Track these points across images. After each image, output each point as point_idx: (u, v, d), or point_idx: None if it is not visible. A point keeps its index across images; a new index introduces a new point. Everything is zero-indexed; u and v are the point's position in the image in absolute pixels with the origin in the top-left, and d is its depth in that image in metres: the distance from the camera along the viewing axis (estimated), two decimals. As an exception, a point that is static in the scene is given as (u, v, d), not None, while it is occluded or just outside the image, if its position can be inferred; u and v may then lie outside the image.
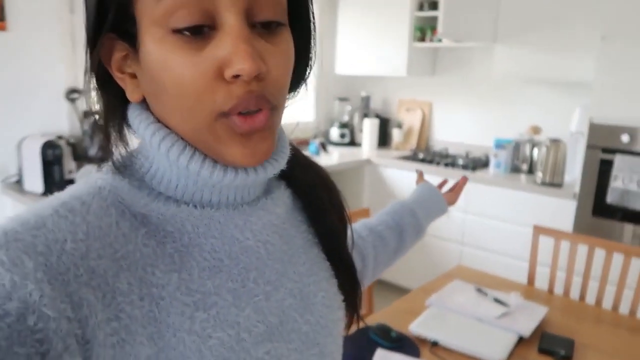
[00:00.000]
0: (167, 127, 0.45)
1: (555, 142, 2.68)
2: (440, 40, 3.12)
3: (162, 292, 0.43)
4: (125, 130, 0.48)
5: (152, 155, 0.47)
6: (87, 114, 2.29)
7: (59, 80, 2.26)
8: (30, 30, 2.17)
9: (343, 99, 3.73)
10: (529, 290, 1.74)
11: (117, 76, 0.45)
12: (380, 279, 3.31)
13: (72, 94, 2.28)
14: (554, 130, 2.94)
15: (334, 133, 3.64)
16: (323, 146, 3.31)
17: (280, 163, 0.50)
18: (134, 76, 0.45)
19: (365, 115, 3.62)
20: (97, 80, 0.45)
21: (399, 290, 3.02)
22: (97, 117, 0.48)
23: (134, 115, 0.46)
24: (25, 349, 0.34)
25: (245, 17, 0.41)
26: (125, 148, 0.48)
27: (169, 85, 0.41)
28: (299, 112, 3.64)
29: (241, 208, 0.49)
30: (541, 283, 1.93)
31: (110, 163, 0.47)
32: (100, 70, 0.45)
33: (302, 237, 0.58)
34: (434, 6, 3.06)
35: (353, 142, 3.66)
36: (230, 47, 0.40)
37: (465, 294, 1.58)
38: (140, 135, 0.46)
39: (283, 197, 0.56)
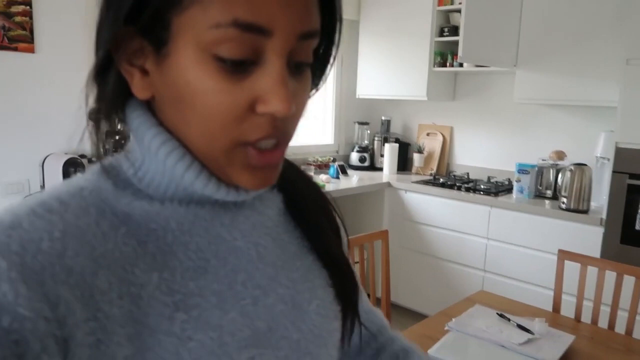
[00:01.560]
0: (169, 131, 0.45)
1: (580, 167, 2.62)
2: (460, 65, 3.11)
3: (142, 291, 0.41)
4: (119, 127, 0.47)
5: (144, 157, 0.46)
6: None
7: (83, 100, 2.31)
8: (58, 52, 2.23)
9: (363, 123, 3.73)
10: (554, 318, 1.67)
11: (125, 68, 0.43)
12: (397, 304, 3.24)
13: (99, 124, 2.32)
14: (578, 155, 2.87)
15: (354, 157, 3.63)
16: (342, 169, 3.29)
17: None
18: (144, 72, 0.44)
19: (386, 139, 3.61)
20: (97, 67, 0.43)
21: (417, 317, 2.94)
22: (88, 109, 0.45)
23: (135, 113, 0.45)
24: (0, 350, 0.33)
25: (288, 59, 0.42)
26: (116, 144, 0.47)
27: (199, 106, 0.41)
28: (319, 135, 3.65)
29: (227, 207, 0.49)
30: (567, 311, 1.85)
31: (97, 164, 0.46)
32: (102, 57, 0.43)
33: (296, 243, 0.56)
34: (454, 31, 3.07)
35: (373, 166, 3.65)
36: (271, 86, 0.41)
37: (486, 319, 1.52)
38: (138, 136, 0.45)
39: (275, 199, 0.55)
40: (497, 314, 1.54)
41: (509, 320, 1.50)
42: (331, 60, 0.52)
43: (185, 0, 0.39)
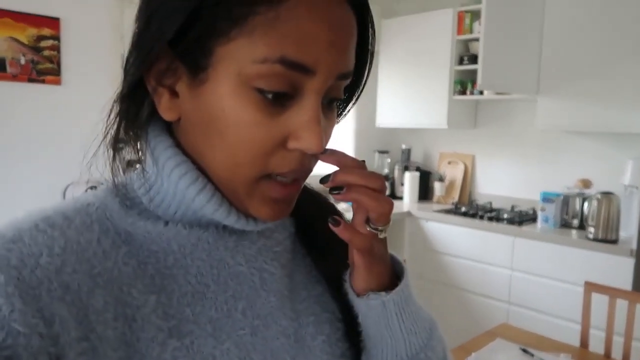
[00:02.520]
0: (188, 154, 0.44)
1: (608, 195, 2.53)
2: (481, 93, 3.09)
3: (136, 314, 0.40)
4: (139, 145, 0.46)
5: (157, 177, 0.45)
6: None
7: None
8: (83, 84, 2.31)
9: (383, 152, 3.72)
10: (582, 354, 1.59)
11: (153, 86, 0.43)
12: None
13: (117, 143, 2.38)
14: (605, 183, 2.79)
15: (374, 186, 3.60)
16: (362, 198, 3.26)
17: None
18: (173, 93, 0.43)
19: (406, 168, 3.58)
20: (130, 86, 0.43)
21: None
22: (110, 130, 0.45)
23: (154, 133, 0.45)
24: None
25: (323, 96, 0.42)
26: (134, 163, 0.47)
27: (231, 135, 0.41)
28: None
29: (232, 230, 0.47)
30: (596, 347, 1.76)
31: (106, 181, 0.46)
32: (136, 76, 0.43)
33: (304, 271, 0.53)
34: (474, 60, 3.06)
35: (393, 195, 3.61)
36: (306, 123, 0.41)
37: (508, 354, 1.45)
38: (154, 156, 0.45)
39: (285, 222, 0.52)
40: (520, 348, 1.48)
41: (532, 355, 1.44)
42: (356, 96, 0.51)
43: (233, 32, 0.39)
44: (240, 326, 0.45)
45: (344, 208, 3.02)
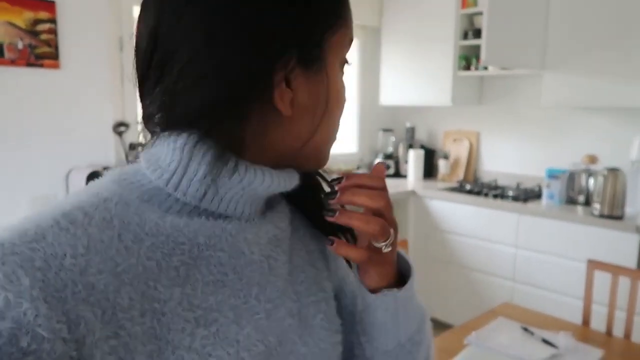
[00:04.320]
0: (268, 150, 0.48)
1: (614, 171, 2.50)
2: (486, 68, 3.04)
3: (164, 308, 0.41)
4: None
5: (187, 168, 0.44)
6: (133, 145, 2.37)
7: (107, 114, 2.36)
8: (82, 68, 2.29)
9: (387, 130, 3.69)
10: (584, 331, 1.59)
11: (283, 89, 0.44)
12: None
13: (119, 127, 2.37)
14: (612, 159, 2.75)
15: (378, 165, 3.58)
16: (366, 177, 3.25)
17: (297, 176, 0.53)
18: (292, 91, 0.46)
19: (410, 146, 3.55)
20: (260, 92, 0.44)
21: (441, 327, 2.87)
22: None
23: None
24: None
25: None
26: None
27: (340, 109, 0.50)
28: (342, 143, 3.62)
29: (252, 221, 0.48)
30: (598, 324, 1.76)
31: (118, 170, 0.47)
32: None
33: (299, 254, 0.56)
34: (478, 35, 3.00)
35: (398, 174, 3.59)
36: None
37: (509, 333, 1.45)
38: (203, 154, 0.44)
39: (284, 210, 0.54)
40: (521, 327, 1.48)
41: (533, 334, 1.44)
42: None
43: (338, 23, 0.48)
44: (255, 311, 0.47)
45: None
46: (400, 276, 0.56)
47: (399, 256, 0.56)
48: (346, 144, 3.65)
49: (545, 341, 1.39)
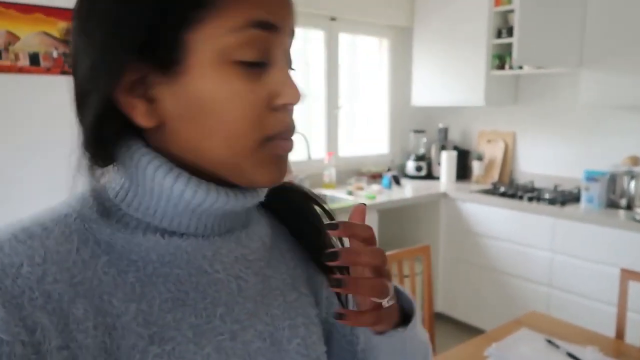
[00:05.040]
0: (172, 157, 0.45)
1: (658, 174, 2.36)
2: (520, 67, 2.93)
3: (117, 322, 0.41)
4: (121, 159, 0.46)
5: (131, 180, 0.45)
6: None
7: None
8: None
9: (419, 131, 3.63)
10: (616, 345, 1.51)
11: (125, 100, 0.43)
12: (455, 319, 3.09)
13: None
14: (657, 160, 2.60)
15: (410, 166, 3.53)
16: (396, 179, 3.21)
17: (264, 192, 0.51)
18: (150, 100, 0.43)
19: (443, 147, 3.47)
20: (104, 104, 0.43)
21: (474, 332, 2.79)
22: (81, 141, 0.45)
23: (124, 140, 0.45)
24: None
25: None
26: (102, 174, 0.47)
27: (225, 112, 0.42)
28: (374, 145, 3.59)
29: (212, 239, 0.47)
30: (633, 338, 1.66)
31: (77, 191, 0.47)
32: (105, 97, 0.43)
33: (280, 278, 0.54)
34: (512, 32, 2.90)
35: (430, 176, 3.52)
36: (283, 80, 0.45)
37: (532, 345, 1.39)
38: (127, 158, 0.45)
39: (260, 232, 0.53)
40: (546, 339, 1.41)
41: (558, 347, 1.37)
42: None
43: (205, 15, 0.41)
44: (219, 331, 0.46)
45: (374, 190, 2.97)
46: (403, 313, 0.54)
47: (399, 293, 0.54)
48: (377, 146, 3.61)
49: (571, 355, 1.32)
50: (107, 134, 0.44)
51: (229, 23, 0.41)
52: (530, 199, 2.80)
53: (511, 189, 3.03)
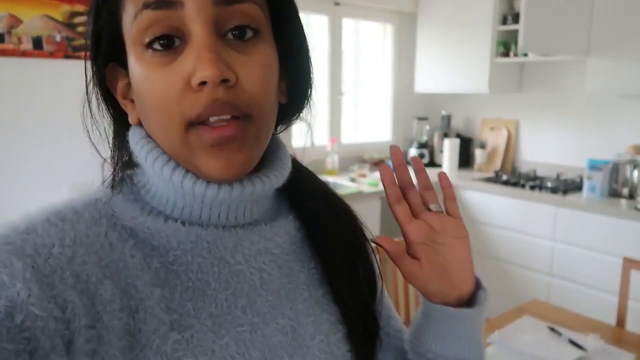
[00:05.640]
0: (155, 142, 0.46)
1: (661, 163, 2.36)
2: (525, 55, 2.91)
3: (140, 306, 0.42)
4: (131, 149, 0.49)
5: (146, 170, 0.47)
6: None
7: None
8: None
9: (422, 119, 3.61)
10: (617, 333, 1.52)
11: (121, 102, 0.47)
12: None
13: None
14: (661, 150, 2.59)
15: (413, 153, 3.52)
16: (399, 167, 3.20)
17: (273, 181, 0.48)
18: (133, 101, 0.47)
19: (446, 135, 3.47)
20: (107, 107, 0.48)
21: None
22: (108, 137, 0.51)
23: (130, 134, 0.48)
24: (13, 345, 0.34)
25: (213, 27, 0.41)
26: (127, 165, 0.49)
27: (147, 101, 0.43)
28: (376, 131, 3.58)
29: (232, 230, 0.48)
30: (635, 325, 1.68)
31: (111, 178, 0.48)
32: (109, 96, 0.48)
33: (308, 273, 0.54)
34: (518, 19, 2.87)
35: (433, 163, 3.52)
36: (195, 56, 0.40)
37: (535, 332, 1.41)
38: (134, 151, 0.47)
39: (287, 226, 0.53)
40: (548, 327, 1.43)
41: (560, 334, 1.39)
42: (292, 27, 0.49)
43: (119, 11, 0.43)
44: (239, 323, 0.46)
45: (377, 177, 2.97)
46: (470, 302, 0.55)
47: (478, 281, 0.57)
48: (380, 132, 3.60)
49: (573, 342, 1.34)
50: (124, 128, 0.49)
51: (130, 13, 0.42)
52: (533, 188, 2.80)
53: (513, 177, 3.03)
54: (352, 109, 3.43)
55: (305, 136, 0.55)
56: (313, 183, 0.58)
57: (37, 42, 2.12)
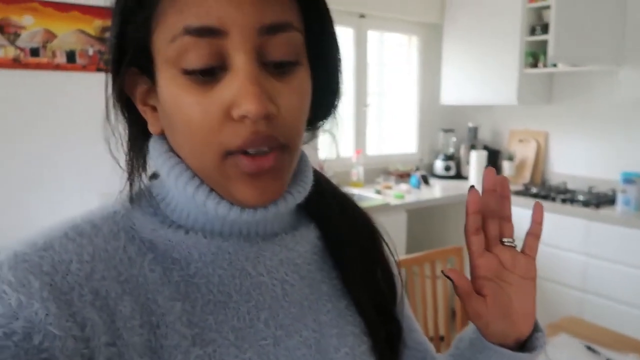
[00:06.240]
0: (179, 157, 0.45)
1: (700, 176, 2.28)
2: (555, 65, 2.86)
3: (161, 321, 0.41)
4: (148, 160, 0.48)
5: (167, 184, 0.46)
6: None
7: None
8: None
9: (448, 130, 3.57)
10: (658, 353, 1.45)
11: (140, 109, 0.46)
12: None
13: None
14: (699, 162, 2.50)
15: (439, 165, 3.48)
16: (424, 179, 3.17)
17: (295, 197, 0.47)
18: (154, 109, 0.45)
19: (473, 146, 3.42)
20: (123, 113, 0.46)
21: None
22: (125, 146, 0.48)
23: (152, 145, 0.47)
24: None
25: (256, 57, 0.40)
26: (145, 176, 0.48)
27: (179, 123, 0.41)
28: (402, 144, 3.56)
29: (254, 240, 0.47)
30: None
31: (129, 190, 0.47)
32: (127, 102, 0.46)
33: (330, 284, 0.53)
34: (546, 29, 2.83)
35: (459, 175, 3.47)
36: (238, 88, 0.39)
37: (571, 351, 1.36)
38: (155, 164, 0.46)
39: (309, 236, 0.52)
40: (585, 346, 1.37)
41: (598, 354, 1.33)
42: (332, 54, 0.48)
43: (152, 23, 0.40)
44: (262, 336, 0.45)
45: (402, 190, 2.93)
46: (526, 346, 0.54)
47: (537, 325, 0.55)
48: (405, 144, 3.57)
49: (612, 362, 1.28)
50: (141, 136, 0.47)
51: (168, 32, 0.40)
52: (564, 201, 2.73)
53: (543, 190, 2.97)
54: (377, 121, 3.42)
55: (330, 148, 0.54)
56: (328, 189, 0.57)
57: (71, 56, 2.18)
